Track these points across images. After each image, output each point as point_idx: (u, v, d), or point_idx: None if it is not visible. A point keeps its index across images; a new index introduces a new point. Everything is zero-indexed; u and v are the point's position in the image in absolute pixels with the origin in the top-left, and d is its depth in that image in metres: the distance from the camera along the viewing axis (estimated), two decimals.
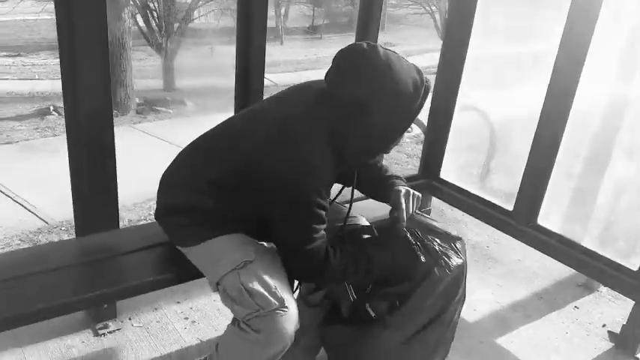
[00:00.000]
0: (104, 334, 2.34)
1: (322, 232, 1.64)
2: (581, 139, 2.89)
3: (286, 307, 1.61)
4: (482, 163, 3.52)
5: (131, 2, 11.01)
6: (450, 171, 3.27)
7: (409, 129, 1.69)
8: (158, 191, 1.84)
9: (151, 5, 11.95)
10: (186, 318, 2.49)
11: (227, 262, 1.65)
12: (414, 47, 17.38)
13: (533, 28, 3.23)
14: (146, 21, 11.80)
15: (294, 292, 1.78)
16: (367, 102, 1.57)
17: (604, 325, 2.68)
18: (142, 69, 11.97)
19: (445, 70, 3.13)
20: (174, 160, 1.84)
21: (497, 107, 3.48)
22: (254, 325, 1.60)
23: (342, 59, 1.62)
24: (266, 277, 1.63)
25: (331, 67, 1.62)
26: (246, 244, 1.71)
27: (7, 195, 5.62)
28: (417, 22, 22.54)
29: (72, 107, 2.02)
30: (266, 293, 1.60)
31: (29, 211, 5.17)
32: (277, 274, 1.67)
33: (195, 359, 2.22)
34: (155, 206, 1.86)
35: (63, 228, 4.97)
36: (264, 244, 1.79)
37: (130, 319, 2.44)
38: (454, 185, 3.19)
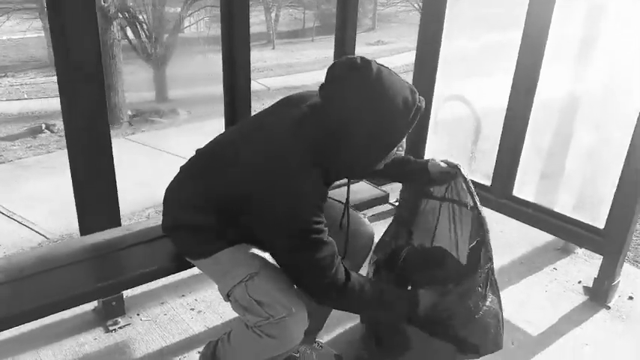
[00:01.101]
0: (115, 329, 2.40)
1: (328, 249, 1.61)
2: (548, 117, 3.06)
3: (295, 313, 1.66)
4: (463, 147, 3.67)
5: (120, 15, 11.03)
6: (433, 153, 3.43)
7: (400, 147, 1.66)
8: (163, 205, 1.88)
9: (140, 17, 11.94)
10: (192, 309, 2.58)
11: (234, 275, 1.70)
12: (408, 44, 17.04)
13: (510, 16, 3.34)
14: (135, 33, 11.78)
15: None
16: (352, 120, 1.54)
17: (579, 282, 2.88)
18: (134, 81, 11.90)
19: (422, 60, 3.32)
20: (176, 176, 1.88)
21: (477, 96, 3.61)
22: (266, 331, 1.67)
23: (334, 73, 1.58)
24: (272, 287, 1.68)
25: (324, 81, 1.59)
26: (251, 255, 1.75)
27: (3, 213, 5.58)
28: (407, 19, 22.23)
29: (69, 116, 2.14)
30: (274, 303, 1.65)
31: (27, 227, 5.16)
32: (283, 281, 1.71)
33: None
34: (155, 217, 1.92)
35: (63, 241, 4.92)
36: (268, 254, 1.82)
37: (138, 314, 2.52)
38: None
